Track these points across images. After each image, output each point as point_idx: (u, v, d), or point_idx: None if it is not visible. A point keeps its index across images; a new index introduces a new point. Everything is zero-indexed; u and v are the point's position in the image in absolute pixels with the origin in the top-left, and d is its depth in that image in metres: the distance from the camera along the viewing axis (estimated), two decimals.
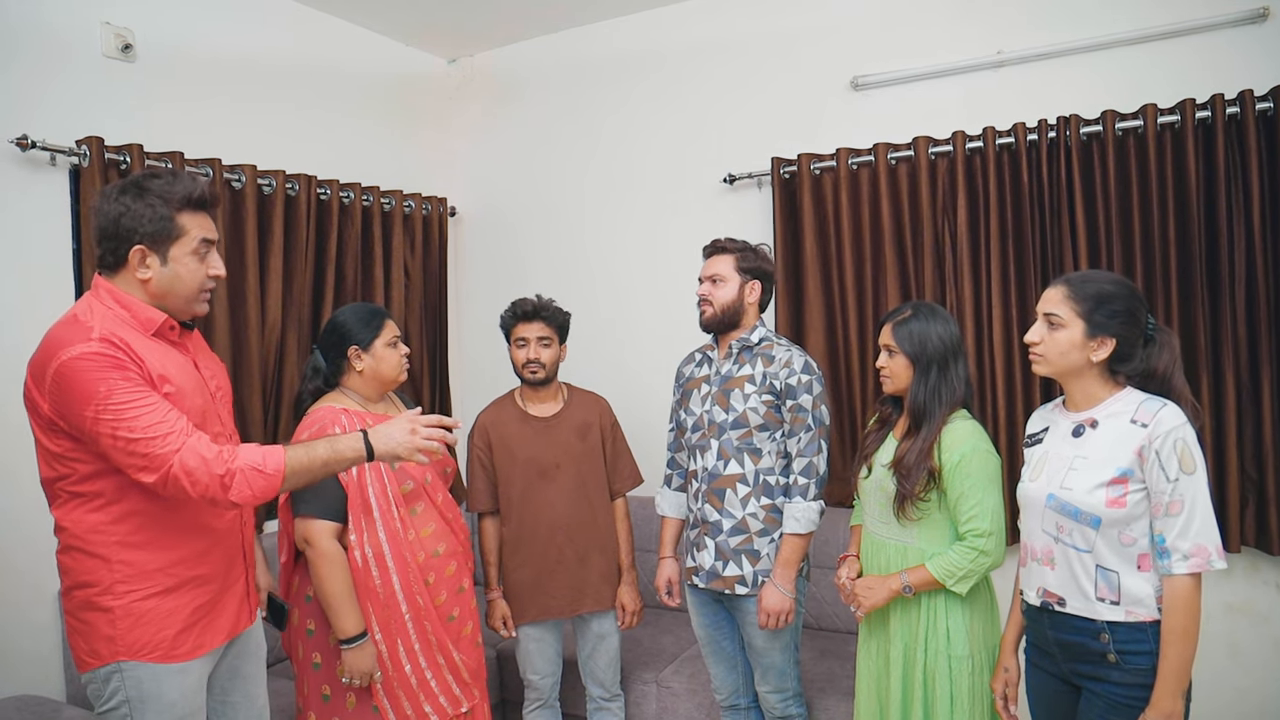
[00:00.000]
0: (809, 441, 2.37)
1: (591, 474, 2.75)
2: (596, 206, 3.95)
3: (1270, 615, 2.83)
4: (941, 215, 3.15)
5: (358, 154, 3.76)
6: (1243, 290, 2.75)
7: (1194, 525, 1.67)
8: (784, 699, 2.50)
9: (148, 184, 1.77)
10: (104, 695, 1.78)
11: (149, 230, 1.75)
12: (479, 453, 2.76)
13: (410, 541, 2.25)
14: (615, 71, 3.88)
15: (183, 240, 1.78)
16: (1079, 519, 1.78)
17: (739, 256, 2.47)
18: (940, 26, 3.23)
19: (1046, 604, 1.85)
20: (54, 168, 2.74)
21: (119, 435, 1.65)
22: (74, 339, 1.68)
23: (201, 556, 1.83)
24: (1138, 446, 1.72)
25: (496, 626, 2.73)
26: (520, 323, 2.71)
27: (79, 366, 1.65)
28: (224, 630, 1.90)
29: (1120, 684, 1.74)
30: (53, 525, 1.83)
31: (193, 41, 3.15)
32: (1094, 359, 1.79)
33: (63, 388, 1.67)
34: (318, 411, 2.25)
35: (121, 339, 1.70)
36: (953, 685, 2.04)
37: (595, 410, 2.82)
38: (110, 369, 1.66)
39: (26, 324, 2.68)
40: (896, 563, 2.12)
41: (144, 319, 1.78)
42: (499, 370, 4.13)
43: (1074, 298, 1.79)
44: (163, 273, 1.78)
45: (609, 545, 2.77)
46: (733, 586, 2.42)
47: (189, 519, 1.81)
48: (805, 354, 2.44)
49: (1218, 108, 2.73)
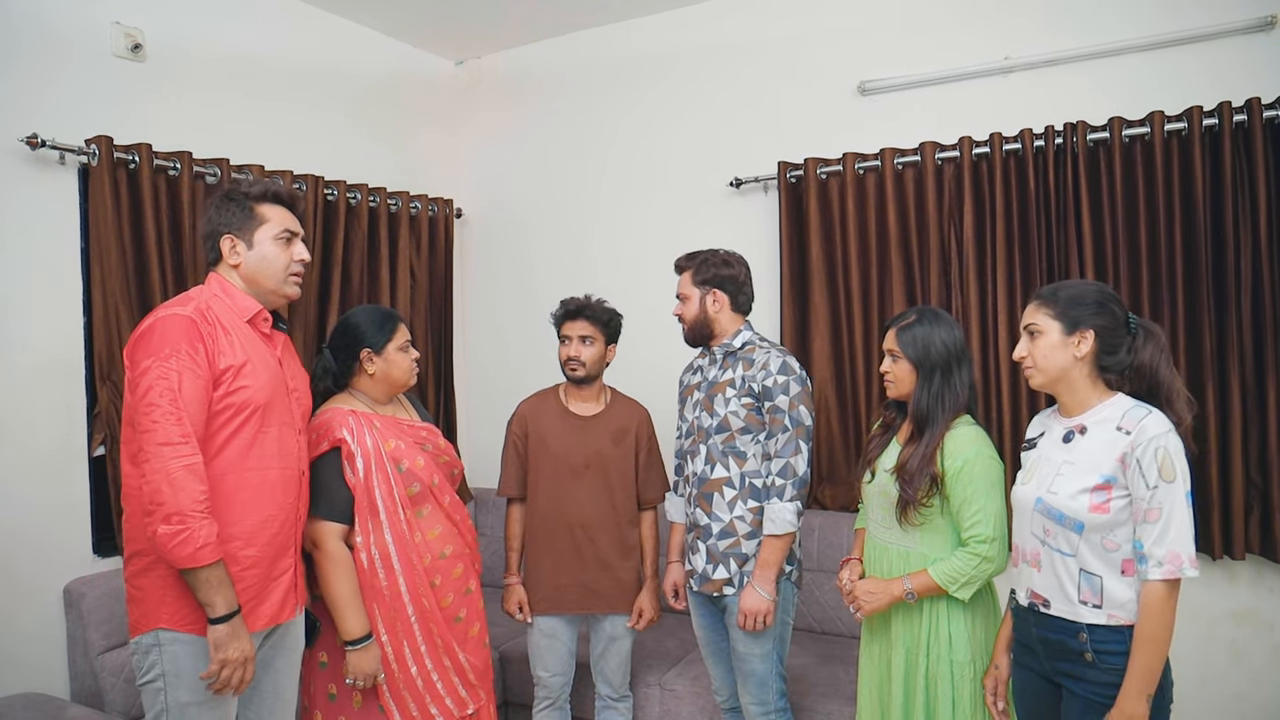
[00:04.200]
0: (786, 442, 2.35)
1: (620, 479, 2.75)
2: (601, 209, 3.95)
3: (1274, 622, 2.83)
4: (948, 221, 3.15)
5: (365, 155, 3.77)
6: (1248, 297, 2.75)
7: (1170, 533, 1.70)
8: (764, 712, 2.46)
9: (233, 188, 2.07)
10: (143, 667, 1.90)
11: (234, 221, 2.02)
12: (515, 439, 2.79)
13: (417, 544, 2.26)
14: (621, 75, 3.89)
15: (264, 227, 2.03)
16: (1063, 523, 1.81)
17: (693, 271, 2.51)
18: (948, 32, 3.23)
19: (1033, 605, 1.89)
20: (63, 166, 2.75)
21: (148, 394, 1.81)
22: (173, 304, 1.93)
23: (251, 537, 1.93)
24: (1120, 453, 1.75)
25: (512, 611, 2.74)
26: (566, 320, 2.73)
27: (168, 324, 1.86)
28: (265, 616, 1.97)
29: (1097, 683, 1.77)
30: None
31: (202, 42, 3.17)
32: (1078, 355, 1.83)
33: (143, 337, 1.87)
34: (326, 412, 2.25)
35: (215, 314, 1.94)
36: (954, 690, 2.04)
37: (635, 418, 2.81)
38: (189, 339, 1.85)
39: (35, 321, 2.71)
40: (899, 567, 2.12)
41: (241, 305, 2.01)
42: (504, 371, 4.17)
43: (1046, 304, 1.87)
44: (249, 256, 2.02)
45: (629, 551, 2.76)
46: (721, 589, 2.44)
47: (243, 497, 1.92)
48: (786, 355, 2.42)
49: (1225, 115, 2.73)
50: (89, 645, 2.64)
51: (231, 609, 1.84)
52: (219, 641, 1.84)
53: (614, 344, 2.77)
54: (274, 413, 1.98)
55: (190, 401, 1.82)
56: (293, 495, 2.03)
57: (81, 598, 2.66)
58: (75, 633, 2.68)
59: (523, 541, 2.78)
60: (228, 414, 1.90)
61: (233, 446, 1.92)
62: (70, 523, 2.78)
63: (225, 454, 1.91)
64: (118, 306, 2.74)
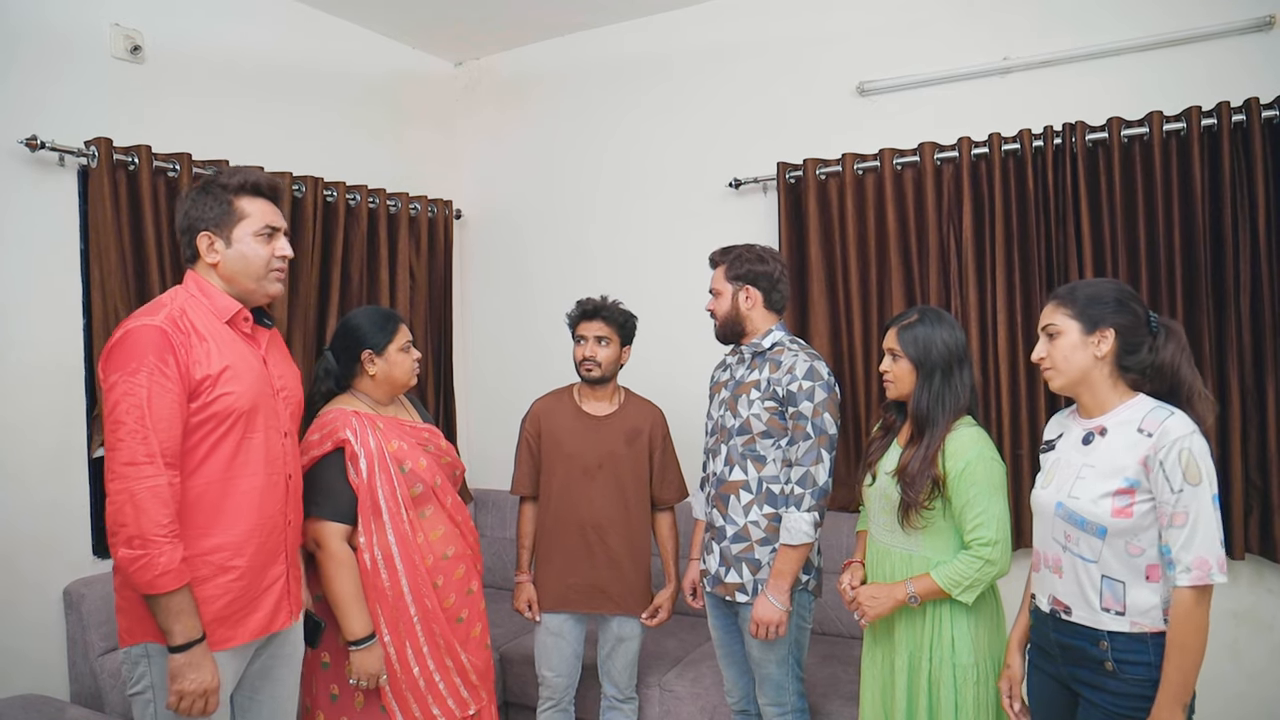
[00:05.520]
0: (807, 450, 2.29)
1: (632, 479, 2.75)
2: (601, 210, 3.95)
3: (1274, 623, 2.83)
4: (947, 221, 3.15)
5: (364, 156, 3.77)
6: (1248, 298, 2.75)
7: (1197, 538, 1.65)
8: (781, 713, 2.45)
9: (211, 179, 1.94)
10: (133, 677, 1.85)
11: (212, 215, 1.91)
12: (528, 438, 2.80)
13: (419, 544, 2.26)
14: (621, 76, 3.89)
15: (244, 223, 1.92)
16: (1085, 528, 1.77)
17: (727, 266, 2.46)
18: (947, 33, 3.23)
19: (1055, 611, 1.85)
20: (63, 168, 2.75)
21: (114, 411, 1.74)
22: (144, 314, 1.84)
23: (239, 547, 1.87)
24: (1143, 456, 1.71)
25: (521, 609, 2.75)
26: (582, 320, 2.74)
27: (136, 336, 1.78)
28: (257, 626, 1.91)
29: (1117, 694, 1.73)
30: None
31: (201, 43, 3.17)
32: (1099, 354, 1.79)
33: (112, 351, 1.79)
34: (329, 413, 2.26)
35: (190, 320, 1.85)
36: (957, 694, 2.03)
37: (648, 419, 2.81)
38: (158, 351, 1.76)
39: (35, 324, 2.71)
40: (901, 570, 2.11)
41: (220, 306, 1.91)
42: (503, 372, 4.17)
43: (1064, 304, 1.83)
44: (228, 254, 1.91)
45: (640, 552, 2.76)
46: (733, 594, 2.41)
47: (230, 506, 1.86)
48: (814, 360, 2.36)
49: (1223, 115, 2.73)
50: (89, 646, 2.64)
51: (190, 638, 1.75)
52: (175, 672, 1.75)
53: (629, 345, 2.78)
54: (259, 417, 1.91)
55: (160, 418, 1.74)
56: (280, 501, 1.97)
57: (81, 599, 2.66)
58: (75, 634, 2.68)
59: (534, 539, 2.79)
60: (210, 424, 1.83)
61: (216, 456, 1.84)
62: (70, 524, 2.77)
63: (209, 465, 1.84)
64: (117, 308, 2.74)
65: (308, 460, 2.20)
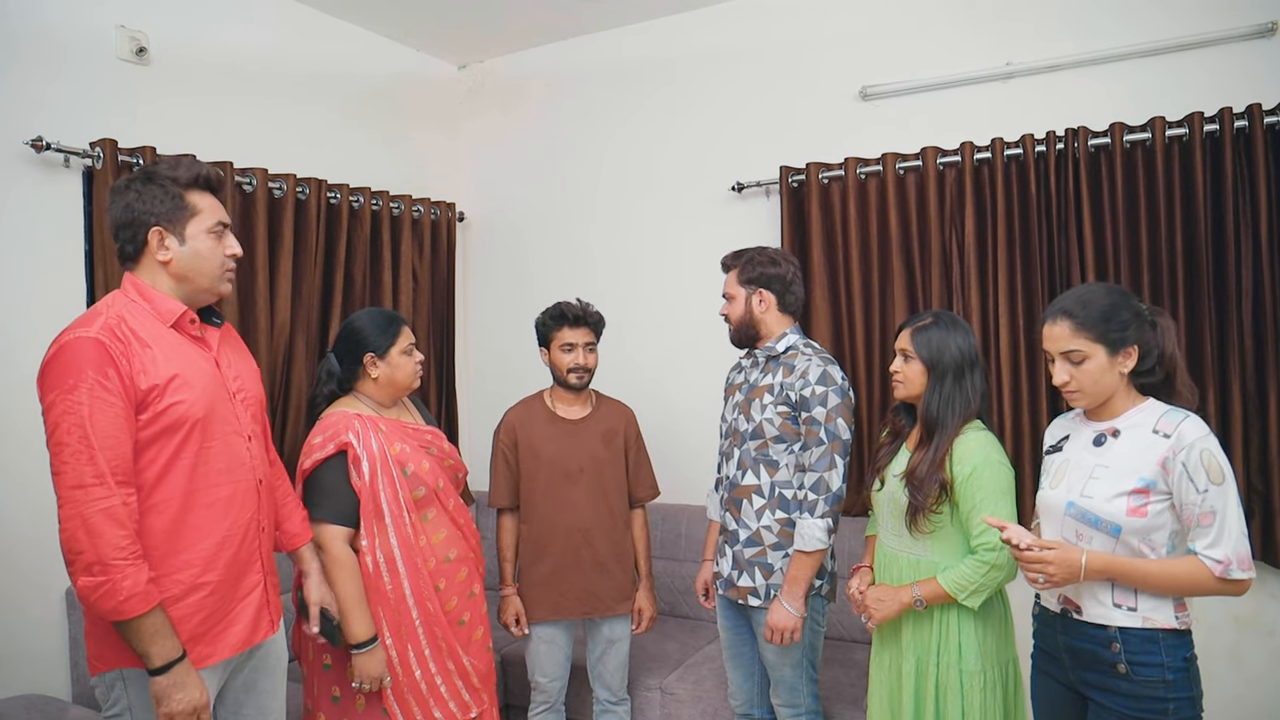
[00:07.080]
0: (820, 456, 2.28)
1: (613, 480, 2.75)
2: (604, 213, 3.96)
3: (1275, 628, 2.84)
4: (949, 226, 3.16)
5: (367, 158, 3.77)
6: (1249, 303, 2.75)
7: (1224, 535, 1.68)
8: (795, 714, 2.46)
9: (154, 170, 1.80)
10: (109, 700, 1.77)
11: (163, 210, 1.76)
12: (504, 449, 2.76)
13: (422, 547, 2.26)
14: (625, 79, 3.90)
15: (197, 219, 1.80)
16: (1099, 527, 1.78)
17: (739, 270, 2.46)
18: (949, 38, 3.24)
19: (1065, 610, 1.86)
20: (68, 169, 2.76)
21: (55, 432, 1.64)
22: (78, 325, 1.70)
23: (209, 562, 1.77)
24: (1161, 458, 1.73)
25: (509, 623, 2.73)
26: (566, 327, 2.69)
27: (70, 350, 1.65)
28: (236, 641, 1.84)
29: (1130, 696, 1.74)
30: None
31: (206, 45, 3.17)
32: (1124, 371, 1.81)
33: (46, 369, 1.67)
34: (331, 416, 2.26)
35: (130, 327, 1.71)
36: (964, 700, 2.02)
37: (622, 419, 2.82)
38: (97, 364, 1.64)
39: (38, 324, 2.69)
40: (909, 575, 2.10)
41: (164, 310, 1.78)
42: (506, 375, 4.16)
43: (1083, 326, 1.80)
44: (182, 252, 1.79)
45: (626, 552, 2.77)
46: (746, 597, 2.41)
47: (195, 521, 1.76)
48: (829, 365, 2.34)
49: (1225, 121, 2.74)
50: None
51: (170, 659, 1.65)
52: (160, 695, 1.66)
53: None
54: (216, 423, 1.79)
55: (105, 435, 1.62)
56: (251, 508, 1.86)
57: None
58: (77, 634, 2.68)
59: (516, 551, 2.76)
60: (163, 437, 1.71)
61: (175, 471, 1.73)
62: None
63: (167, 481, 1.72)
64: None
65: (310, 463, 2.21)
